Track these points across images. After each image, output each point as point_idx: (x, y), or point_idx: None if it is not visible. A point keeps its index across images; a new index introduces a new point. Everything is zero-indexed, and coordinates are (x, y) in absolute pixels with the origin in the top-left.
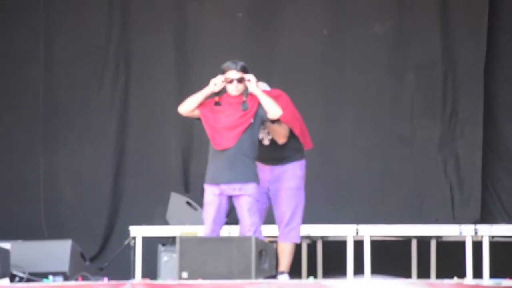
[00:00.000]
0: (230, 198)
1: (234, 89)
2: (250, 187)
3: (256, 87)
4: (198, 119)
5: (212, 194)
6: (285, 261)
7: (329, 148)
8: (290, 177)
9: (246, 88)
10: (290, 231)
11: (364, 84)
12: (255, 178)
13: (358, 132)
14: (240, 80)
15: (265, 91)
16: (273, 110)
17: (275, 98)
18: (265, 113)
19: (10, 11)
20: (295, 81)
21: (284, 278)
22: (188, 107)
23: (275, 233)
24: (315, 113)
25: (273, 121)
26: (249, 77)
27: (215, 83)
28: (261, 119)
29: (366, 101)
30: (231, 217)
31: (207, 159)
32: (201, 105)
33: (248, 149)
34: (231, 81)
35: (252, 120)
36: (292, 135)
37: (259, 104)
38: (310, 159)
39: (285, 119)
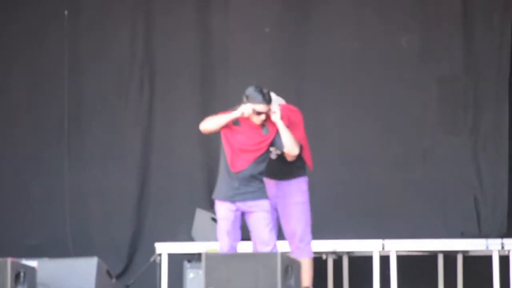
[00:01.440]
0: (243, 214)
1: (259, 121)
2: (265, 203)
3: (280, 120)
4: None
5: (227, 209)
6: (307, 276)
7: (354, 161)
8: (297, 192)
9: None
10: (306, 246)
11: (390, 97)
12: (266, 195)
13: (383, 145)
14: (267, 112)
15: (284, 105)
16: (291, 146)
17: (293, 112)
18: (281, 145)
19: (35, 29)
20: (322, 94)
21: None
22: (210, 127)
23: (285, 249)
24: (342, 126)
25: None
26: (275, 108)
27: (243, 112)
28: (277, 146)
29: (391, 114)
30: (244, 235)
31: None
32: (223, 129)
33: (261, 170)
34: (258, 114)
35: (269, 147)
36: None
37: (278, 133)
38: (334, 174)
39: (299, 137)
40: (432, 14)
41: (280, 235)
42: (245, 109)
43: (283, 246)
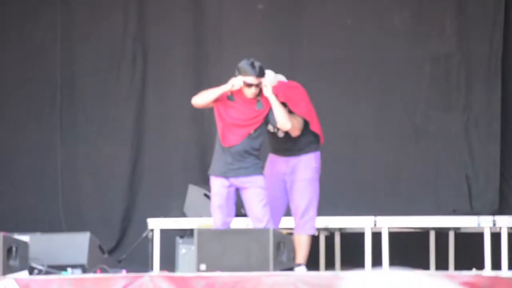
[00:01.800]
0: (237, 190)
1: (250, 94)
2: (259, 179)
3: (272, 93)
4: (210, 108)
5: (221, 185)
6: (301, 253)
7: (346, 139)
8: (305, 168)
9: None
10: (306, 223)
11: (383, 76)
12: (261, 171)
13: (375, 123)
14: (258, 85)
15: (282, 82)
16: (283, 121)
17: (292, 89)
18: (275, 120)
19: (27, 4)
20: (316, 72)
21: (301, 270)
22: (202, 101)
23: (292, 225)
24: (334, 104)
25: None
26: (266, 82)
27: (233, 84)
28: (270, 122)
29: (384, 92)
30: (237, 211)
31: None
32: (216, 103)
33: (256, 145)
34: (249, 86)
35: (263, 122)
36: (306, 128)
37: (271, 108)
38: (327, 151)
39: (301, 112)
40: None
41: (288, 212)
42: (235, 81)
43: (286, 222)
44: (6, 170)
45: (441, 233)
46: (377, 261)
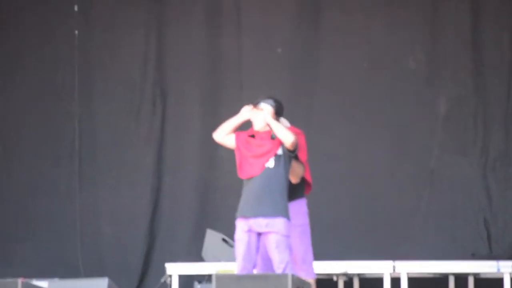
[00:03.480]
0: (259, 235)
1: (256, 125)
2: (278, 223)
3: (270, 117)
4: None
5: (241, 230)
6: None
7: (362, 181)
8: (296, 215)
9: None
10: (308, 268)
11: (398, 117)
12: (284, 213)
13: (392, 165)
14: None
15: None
16: (284, 136)
17: (299, 135)
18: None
19: (45, 47)
20: (331, 114)
21: None
22: (221, 132)
23: None
24: (350, 145)
25: (293, 155)
26: (263, 106)
27: (247, 110)
28: (288, 155)
29: (400, 134)
30: None
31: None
32: (237, 135)
33: (276, 183)
34: (253, 117)
35: (279, 152)
36: None
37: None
38: (343, 194)
39: (303, 159)
40: (440, 34)
41: None
42: (246, 108)
43: None
44: (25, 215)
45: (461, 278)
46: None
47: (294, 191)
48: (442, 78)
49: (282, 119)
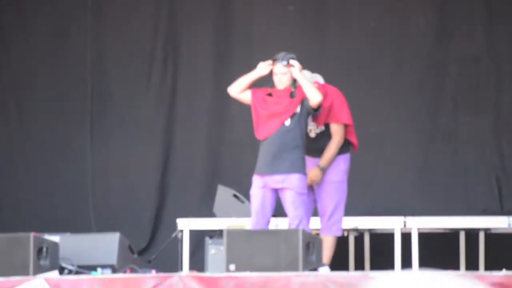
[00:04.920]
0: (275, 191)
1: (278, 83)
2: (294, 179)
3: (299, 72)
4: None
5: (256, 186)
6: (326, 254)
7: (372, 141)
8: (334, 170)
9: (294, 80)
10: (333, 225)
11: (408, 78)
12: (300, 169)
13: (403, 125)
14: (285, 73)
15: (331, 87)
16: (312, 95)
17: (339, 96)
18: (308, 104)
19: (58, 6)
20: (342, 73)
21: (325, 270)
22: (237, 88)
23: (318, 226)
24: (360, 106)
25: (315, 110)
26: (293, 62)
27: (263, 66)
28: (307, 111)
29: (410, 94)
30: (277, 210)
31: (255, 152)
32: (253, 92)
33: (293, 140)
34: (275, 74)
35: (297, 110)
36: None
37: (304, 96)
38: (355, 152)
39: (346, 118)
40: None
41: (315, 211)
42: (264, 64)
43: (313, 223)
44: (36, 171)
45: (471, 234)
46: (406, 262)
47: None
48: (453, 36)
49: (316, 75)
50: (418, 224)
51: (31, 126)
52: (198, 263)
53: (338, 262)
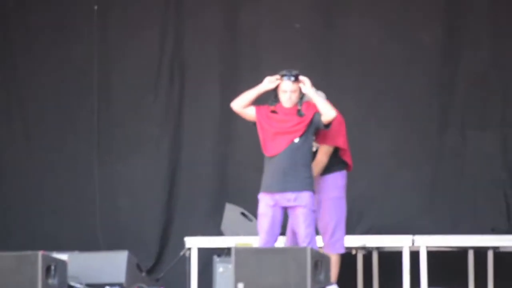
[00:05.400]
0: (284, 209)
1: (287, 101)
2: (305, 197)
3: (311, 88)
4: (254, 124)
5: (266, 205)
6: (332, 271)
7: (380, 158)
8: (332, 187)
9: (300, 98)
10: (336, 242)
11: (415, 95)
12: (310, 187)
13: (411, 142)
14: (295, 91)
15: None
16: (327, 111)
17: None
18: (320, 120)
19: (65, 22)
20: (348, 91)
21: None
22: (241, 102)
23: (319, 244)
24: (366, 123)
25: (326, 126)
26: (303, 78)
27: (269, 81)
28: (316, 127)
29: (416, 111)
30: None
31: (263, 170)
32: (257, 109)
33: (302, 157)
34: (284, 92)
35: (306, 129)
36: (334, 150)
37: (315, 113)
38: (361, 169)
39: (339, 143)
40: (457, 9)
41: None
42: (271, 78)
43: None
44: (44, 189)
45: (480, 252)
46: (415, 281)
47: (332, 164)
48: (461, 52)
49: (319, 92)
50: (426, 242)
51: (38, 144)
52: (206, 281)
53: (347, 281)
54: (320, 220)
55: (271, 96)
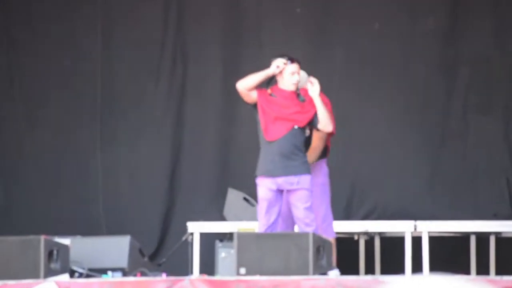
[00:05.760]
0: (282, 192)
1: (294, 84)
2: (307, 179)
3: (318, 93)
4: (253, 106)
5: (266, 188)
6: None
7: (381, 144)
8: (319, 173)
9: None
10: (328, 227)
11: (417, 79)
12: (309, 170)
13: (409, 128)
14: (299, 73)
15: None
16: (325, 125)
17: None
18: (317, 122)
19: (67, 6)
20: (350, 76)
21: (335, 273)
22: (247, 84)
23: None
24: (366, 108)
25: (317, 129)
26: (314, 80)
27: (278, 66)
28: (311, 124)
29: (419, 96)
30: None
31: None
32: (259, 93)
33: (300, 142)
34: (293, 74)
35: (307, 123)
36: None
37: (316, 113)
38: (362, 155)
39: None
40: None
41: None
42: (278, 62)
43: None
44: (46, 174)
45: (482, 238)
46: (417, 266)
47: None
48: (463, 37)
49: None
50: (428, 228)
51: (40, 128)
52: (208, 266)
53: (349, 266)
54: None
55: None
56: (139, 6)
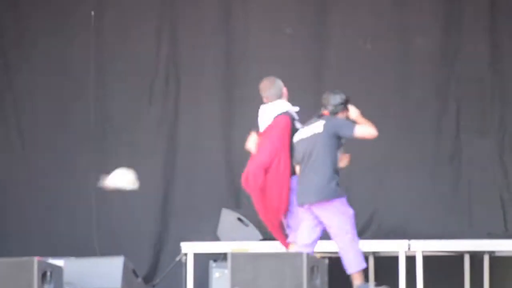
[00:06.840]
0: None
1: None
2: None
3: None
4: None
5: (303, 213)
6: None
7: (376, 163)
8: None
9: None
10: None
11: (412, 99)
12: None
13: (403, 147)
14: None
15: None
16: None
17: None
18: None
19: (62, 28)
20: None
21: None
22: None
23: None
24: None
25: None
26: (350, 107)
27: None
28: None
29: (413, 115)
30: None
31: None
32: None
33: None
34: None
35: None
36: None
37: None
38: (356, 174)
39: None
40: (454, 12)
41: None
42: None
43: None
44: (40, 196)
45: (476, 257)
46: (411, 285)
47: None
48: (456, 57)
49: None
50: (422, 247)
51: (33, 150)
52: (202, 286)
53: (343, 285)
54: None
55: None
56: (132, 27)
